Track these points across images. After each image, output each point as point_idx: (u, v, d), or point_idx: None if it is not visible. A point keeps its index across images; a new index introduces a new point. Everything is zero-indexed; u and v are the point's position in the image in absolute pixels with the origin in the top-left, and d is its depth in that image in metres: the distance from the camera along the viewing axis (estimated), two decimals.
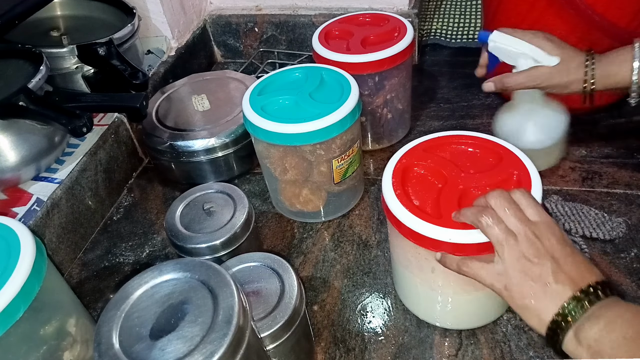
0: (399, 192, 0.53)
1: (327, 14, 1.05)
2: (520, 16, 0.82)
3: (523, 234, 0.45)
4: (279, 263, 0.56)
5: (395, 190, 0.54)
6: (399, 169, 0.56)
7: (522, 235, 0.45)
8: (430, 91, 1.01)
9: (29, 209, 0.69)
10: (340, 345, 0.61)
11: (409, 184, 0.56)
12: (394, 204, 0.53)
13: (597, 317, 0.40)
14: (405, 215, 0.51)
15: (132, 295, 0.44)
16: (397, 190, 0.54)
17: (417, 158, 0.57)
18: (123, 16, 0.88)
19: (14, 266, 0.47)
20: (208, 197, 0.66)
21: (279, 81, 0.75)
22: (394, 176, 0.55)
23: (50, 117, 0.65)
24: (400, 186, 0.54)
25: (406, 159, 0.57)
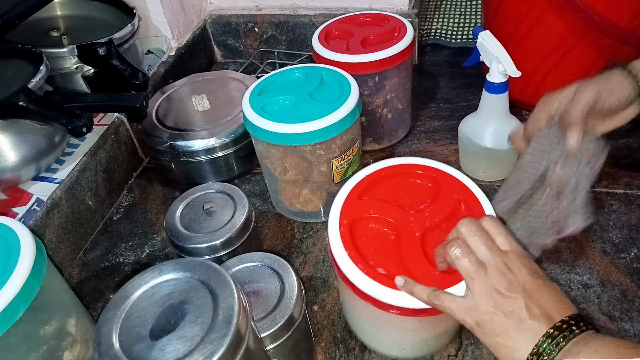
0: (353, 255, 0.49)
1: (327, 14, 1.06)
2: (520, 16, 0.82)
3: (494, 266, 0.43)
4: (279, 263, 0.56)
5: (349, 253, 0.49)
6: (345, 230, 0.51)
7: (493, 267, 0.43)
8: (430, 91, 1.01)
9: (29, 209, 0.69)
10: (340, 345, 0.61)
11: (360, 243, 0.51)
12: (352, 272, 0.48)
13: (574, 355, 0.38)
14: (369, 285, 0.47)
15: (132, 295, 0.44)
16: (350, 253, 0.49)
17: (357, 211, 0.53)
18: (123, 16, 0.88)
19: (14, 266, 0.47)
20: (208, 197, 0.66)
21: (279, 81, 0.75)
22: (343, 238, 0.50)
23: (50, 117, 0.65)
24: (353, 247, 0.49)
25: (347, 217, 0.53)
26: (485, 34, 0.69)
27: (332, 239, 0.51)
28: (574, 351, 0.38)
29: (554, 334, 0.40)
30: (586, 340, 0.39)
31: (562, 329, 0.40)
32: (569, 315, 0.40)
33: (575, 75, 0.83)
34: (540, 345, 0.40)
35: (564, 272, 0.65)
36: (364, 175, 0.57)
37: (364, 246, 0.51)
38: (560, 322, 0.40)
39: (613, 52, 0.80)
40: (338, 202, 0.55)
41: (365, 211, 0.53)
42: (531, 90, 0.89)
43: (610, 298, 0.62)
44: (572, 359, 0.38)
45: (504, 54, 0.67)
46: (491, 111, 0.73)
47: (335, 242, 0.51)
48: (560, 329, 0.40)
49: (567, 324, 0.40)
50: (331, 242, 0.51)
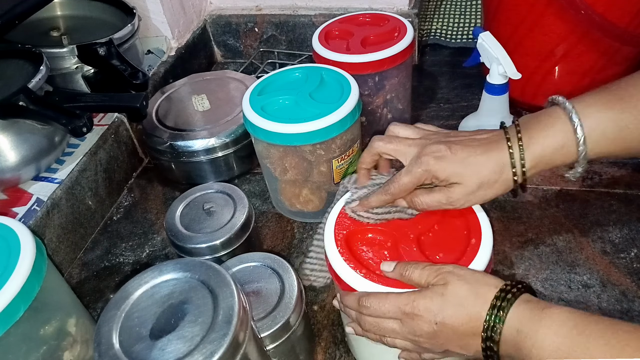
0: (357, 267, 0.48)
1: (327, 14, 1.05)
2: (520, 16, 0.82)
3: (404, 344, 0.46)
4: (279, 263, 0.56)
5: (353, 267, 0.48)
6: (343, 245, 0.50)
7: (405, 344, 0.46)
8: (430, 91, 1.01)
9: (29, 209, 0.69)
10: (340, 345, 0.61)
11: (359, 253, 0.51)
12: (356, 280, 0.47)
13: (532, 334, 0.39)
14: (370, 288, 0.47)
15: (132, 295, 0.44)
16: (355, 267, 0.48)
17: (352, 223, 0.52)
18: (123, 16, 0.88)
19: (14, 266, 0.47)
20: (208, 197, 0.66)
21: (279, 81, 0.75)
22: (342, 253, 0.49)
23: (50, 117, 0.65)
24: (354, 259, 0.49)
25: (343, 230, 0.52)
26: (486, 35, 0.69)
27: (332, 255, 0.50)
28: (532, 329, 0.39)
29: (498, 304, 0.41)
30: (536, 314, 0.39)
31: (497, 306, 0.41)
32: (494, 294, 0.41)
33: (575, 75, 0.84)
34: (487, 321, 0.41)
35: (564, 272, 0.65)
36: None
37: (364, 256, 0.50)
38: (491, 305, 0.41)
39: (613, 52, 0.80)
40: (332, 217, 0.54)
41: (359, 223, 0.53)
42: (531, 91, 0.89)
43: (610, 298, 0.62)
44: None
45: (504, 56, 0.67)
46: (491, 112, 0.73)
47: (332, 253, 0.50)
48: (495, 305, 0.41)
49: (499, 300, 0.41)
50: (331, 259, 0.50)
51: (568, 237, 0.69)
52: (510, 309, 0.40)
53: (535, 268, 0.66)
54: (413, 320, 0.43)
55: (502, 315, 0.40)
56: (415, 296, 0.43)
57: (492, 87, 0.70)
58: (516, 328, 0.39)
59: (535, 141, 0.47)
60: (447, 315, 0.42)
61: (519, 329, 0.39)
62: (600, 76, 0.83)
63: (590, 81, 0.84)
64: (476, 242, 0.48)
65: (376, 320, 0.46)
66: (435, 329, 0.43)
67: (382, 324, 0.46)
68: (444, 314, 0.42)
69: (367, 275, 0.47)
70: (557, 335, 0.38)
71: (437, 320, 0.42)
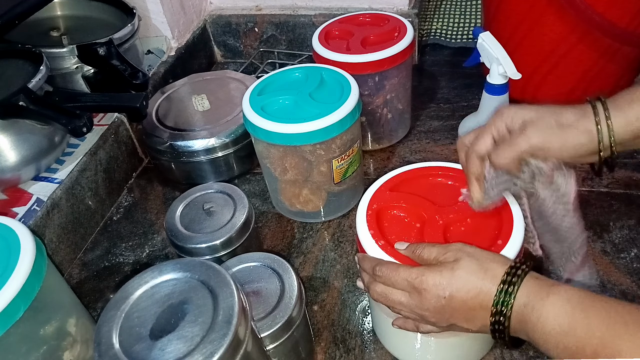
0: (377, 237, 0.50)
1: (327, 14, 1.05)
2: (520, 16, 0.82)
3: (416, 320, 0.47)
4: (279, 263, 0.56)
5: (373, 236, 0.50)
6: (372, 215, 0.52)
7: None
8: (430, 91, 1.01)
9: (29, 209, 0.69)
10: (340, 345, 0.61)
11: (385, 227, 0.52)
12: (373, 249, 0.49)
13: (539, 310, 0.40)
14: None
15: (132, 295, 0.44)
16: (375, 236, 0.50)
17: (387, 200, 0.54)
18: (123, 16, 0.88)
19: (14, 266, 0.47)
20: (208, 197, 0.66)
21: (279, 81, 0.75)
22: (369, 222, 0.52)
23: (50, 117, 0.65)
24: (378, 230, 0.51)
25: (377, 203, 0.54)
26: (486, 35, 0.69)
27: (359, 222, 0.52)
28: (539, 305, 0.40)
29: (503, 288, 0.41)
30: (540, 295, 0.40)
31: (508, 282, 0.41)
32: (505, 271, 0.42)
33: (575, 75, 0.84)
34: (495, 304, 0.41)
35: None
36: (398, 172, 0.58)
37: (388, 230, 0.52)
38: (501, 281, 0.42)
39: (613, 52, 0.80)
40: (370, 191, 0.56)
41: (394, 201, 0.54)
42: (531, 90, 0.89)
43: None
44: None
45: (504, 56, 0.67)
46: (491, 112, 0.72)
47: (361, 224, 0.52)
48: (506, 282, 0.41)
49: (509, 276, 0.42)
50: (358, 225, 0.52)
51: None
52: (520, 285, 0.41)
53: None
54: (421, 294, 0.44)
55: (513, 290, 0.41)
56: (425, 270, 0.44)
57: (492, 87, 0.70)
58: (524, 303, 0.40)
59: (621, 111, 0.44)
60: (456, 288, 0.43)
61: (526, 303, 0.40)
62: (600, 76, 0.83)
63: (590, 81, 0.84)
64: (502, 244, 0.48)
65: (385, 290, 0.47)
66: (443, 303, 0.43)
67: (391, 295, 0.47)
68: (452, 287, 0.43)
69: (384, 246, 0.49)
70: (561, 310, 0.39)
71: (446, 294, 0.43)
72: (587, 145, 0.44)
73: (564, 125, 0.44)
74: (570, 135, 0.44)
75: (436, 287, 0.43)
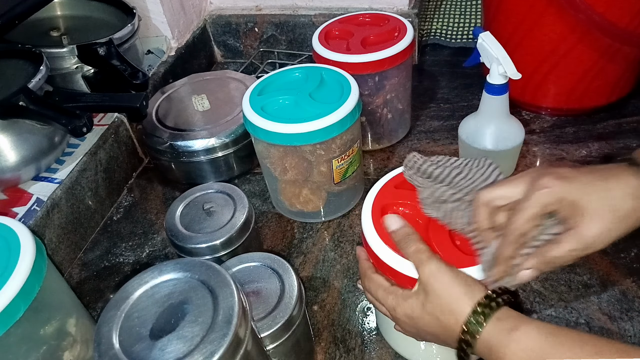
0: (381, 232, 0.50)
1: (327, 14, 1.05)
2: (520, 16, 0.82)
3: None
4: (279, 263, 0.56)
5: (377, 231, 0.50)
6: (377, 211, 0.52)
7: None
8: (430, 91, 1.01)
9: (29, 209, 0.69)
10: (340, 345, 0.61)
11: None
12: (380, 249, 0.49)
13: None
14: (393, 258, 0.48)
15: (132, 295, 0.44)
16: (379, 231, 0.50)
17: (392, 197, 0.54)
18: (123, 16, 0.88)
19: (14, 266, 0.47)
20: (208, 197, 0.66)
21: (279, 81, 0.75)
22: (374, 217, 0.52)
23: (50, 117, 0.65)
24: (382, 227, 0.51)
25: (382, 200, 0.54)
26: (486, 35, 0.69)
27: (365, 220, 0.52)
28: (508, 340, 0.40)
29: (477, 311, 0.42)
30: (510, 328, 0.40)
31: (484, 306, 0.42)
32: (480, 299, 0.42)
33: (575, 75, 0.84)
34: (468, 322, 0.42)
35: (564, 272, 0.65)
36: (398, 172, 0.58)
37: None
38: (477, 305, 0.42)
39: (613, 52, 0.80)
40: (375, 188, 0.56)
41: (398, 197, 0.54)
42: (531, 91, 0.89)
43: (610, 298, 0.62)
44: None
45: (504, 56, 0.67)
46: (491, 112, 0.73)
47: (367, 223, 0.52)
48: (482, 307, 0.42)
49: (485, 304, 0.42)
50: (363, 223, 0.52)
51: None
52: (482, 330, 0.41)
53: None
54: (397, 319, 0.48)
55: (472, 340, 0.41)
56: (398, 302, 0.47)
57: (492, 87, 0.70)
58: (488, 347, 0.41)
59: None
60: (424, 323, 0.45)
61: (490, 348, 0.41)
62: (600, 76, 0.83)
63: (590, 81, 0.84)
64: None
65: (373, 300, 0.51)
66: (416, 332, 0.47)
67: (379, 308, 0.51)
68: (422, 321, 0.45)
69: (383, 237, 0.50)
70: (530, 342, 0.38)
71: (418, 326, 0.46)
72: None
73: (622, 219, 0.40)
74: (629, 223, 0.40)
75: (408, 319, 0.46)
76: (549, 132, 0.87)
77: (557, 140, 0.85)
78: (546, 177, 0.41)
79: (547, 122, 0.89)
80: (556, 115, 0.90)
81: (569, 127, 0.87)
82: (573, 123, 0.88)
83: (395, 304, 0.47)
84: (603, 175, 0.40)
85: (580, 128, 0.87)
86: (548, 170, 0.41)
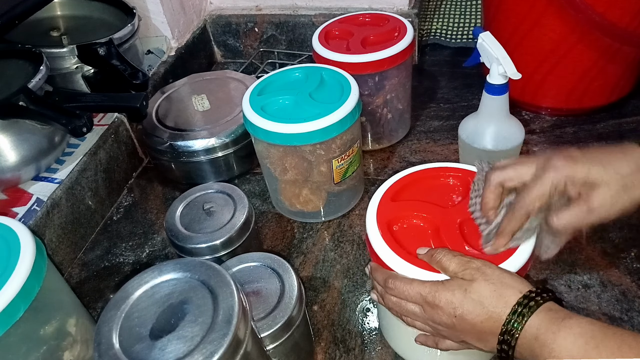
0: (393, 246, 0.49)
1: (327, 14, 1.05)
2: (520, 16, 0.82)
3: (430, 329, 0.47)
4: (279, 263, 0.56)
5: (389, 245, 0.49)
6: (383, 227, 0.51)
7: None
8: (430, 91, 1.01)
9: (29, 209, 0.69)
10: (340, 345, 0.61)
11: (399, 236, 0.51)
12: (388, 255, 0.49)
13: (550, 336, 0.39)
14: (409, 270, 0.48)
15: (132, 295, 0.44)
16: (391, 245, 0.49)
17: (393, 211, 0.53)
18: (123, 16, 0.88)
19: (14, 266, 0.47)
20: (208, 197, 0.66)
21: (279, 81, 0.75)
22: (382, 233, 0.50)
23: (50, 117, 0.65)
24: (393, 240, 0.50)
25: (384, 216, 0.52)
26: (486, 35, 0.69)
27: (371, 234, 0.51)
28: (551, 332, 0.39)
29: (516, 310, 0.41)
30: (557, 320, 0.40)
31: (523, 305, 0.41)
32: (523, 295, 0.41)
33: (575, 75, 0.84)
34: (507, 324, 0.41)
35: (564, 272, 0.65)
36: (394, 180, 0.57)
37: (404, 240, 0.51)
38: (516, 303, 0.41)
39: (613, 52, 0.80)
40: (373, 204, 0.54)
41: (400, 211, 0.53)
42: (531, 90, 0.89)
43: (610, 298, 0.62)
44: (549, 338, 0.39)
45: (504, 56, 0.67)
46: (491, 112, 0.73)
47: (374, 236, 0.51)
48: (522, 304, 0.41)
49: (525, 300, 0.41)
50: (371, 239, 0.51)
51: None
52: (530, 316, 0.40)
53: (535, 268, 0.66)
54: (433, 309, 0.44)
55: (521, 321, 0.40)
56: (439, 287, 0.44)
57: (492, 87, 0.70)
58: (534, 335, 0.40)
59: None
60: (467, 310, 0.43)
61: (537, 337, 0.40)
62: (600, 76, 0.83)
63: (590, 81, 0.84)
64: None
65: (399, 301, 0.47)
66: (454, 322, 0.43)
67: (405, 306, 0.47)
68: (463, 308, 0.43)
69: (399, 252, 0.48)
70: (573, 346, 0.38)
71: (457, 314, 0.43)
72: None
73: (629, 187, 0.42)
74: (634, 195, 0.42)
75: (448, 305, 0.43)
76: (549, 132, 0.87)
77: (557, 140, 0.85)
78: (555, 157, 0.43)
79: (547, 122, 0.89)
80: (556, 115, 0.90)
81: (569, 127, 0.87)
82: (573, 123, 0.88)
83: (434, 290, 0.44)
84: (611, 150, 0.43)
85: (580, 128, 0.87)
86: (560, 153, 0.44)
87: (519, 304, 0.41)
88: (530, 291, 0.42)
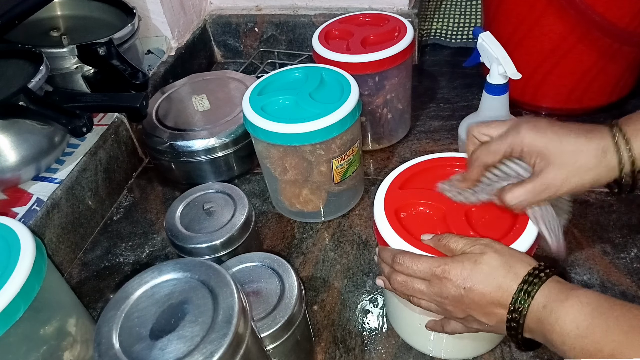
0: (399, 231, 0.50)
1: (327, 14, 1.05)
2: (520, 16, 0.82)
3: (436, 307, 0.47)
4: (279, 263, 0.56)
5: (396, 230, 0.50)
6: (391, 214, 0.52)
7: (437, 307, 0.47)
8: (430, 91, 1.01)
9: (29, 209, 0.69)
10: (340, 345, 0.61)
11: (406, 223, 0.52)
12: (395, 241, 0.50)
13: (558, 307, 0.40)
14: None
15: (132, 295, 0.44)
16: (397, 230, 0.50)
17: (400, 199, 0.54)
18: (123, 16, 0.88)
19: (14, 266, 0.47)
20: (208, 197, 0.66)
21: (279, 81, 0.75)
22: (389, 219, 0.51)
23: (50, 117, 0.65)
24: (400, 227, 0.51)
25: (391, 204, 0.53)
26: (486, 35, 0.69)
27: (379, 221, 0.52)
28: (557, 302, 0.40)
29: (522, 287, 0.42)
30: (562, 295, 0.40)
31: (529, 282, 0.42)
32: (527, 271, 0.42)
33: (575, 75, 0.84)
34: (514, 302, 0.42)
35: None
36: (402, 169, 0.57)
37: (410, 225, 0.52)
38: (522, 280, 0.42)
39: (613, 52, 0.80)
40: (380, 192, 0.55)
41: (407, 198, 0.54)
42: (531, 90, 0.89)
43: None
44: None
45: (504, 56, 0.67)
46: (491, 112, 0.73)
47: (382, 223, 0.51)
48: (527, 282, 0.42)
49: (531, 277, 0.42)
50: (378, 225, 0.52)
51: (568, 237, 0.69)
52: (540, 286, 0.41)
53: None
54: (441, 282, 0.45)
55: (532, 290, 0.41)
56: (448, 260, 0.45)
57: (492, 87, 0.70)
58: (542, 304, 0.41)
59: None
60: (477, 281, 0.43)
61: (545, 305, 0.40)
62: (600, 76, 0.83)
63: (590, 81, 0.84)
64: (520, 227, 0.48)
65: (406, 280, 0.48)
66: (462, 293, 0.44)
67: (411, 284, 0.47)
68: (473, 279, 0.43)
69: (407, 237, 0.49)
70: (580, 313, 0.39)
71: (466, 285, 0.43)
72: (604, 180, 0.45)
73: (583, 168, 0.44)
74: (590, 176, 0.44)
75: (457, 277, 0.44)
76: None
77: None
78: (524, 125, 0.46)
79: None
80: (556, 115, 0.90)
81: None
82: None
83: (444, 263, 0.45)
84: (578, 131, 0.45)
85: None
86: (529, 120, 0.47)
87: (529, 274, 0.42)
88: (540, 264, 0.43)
